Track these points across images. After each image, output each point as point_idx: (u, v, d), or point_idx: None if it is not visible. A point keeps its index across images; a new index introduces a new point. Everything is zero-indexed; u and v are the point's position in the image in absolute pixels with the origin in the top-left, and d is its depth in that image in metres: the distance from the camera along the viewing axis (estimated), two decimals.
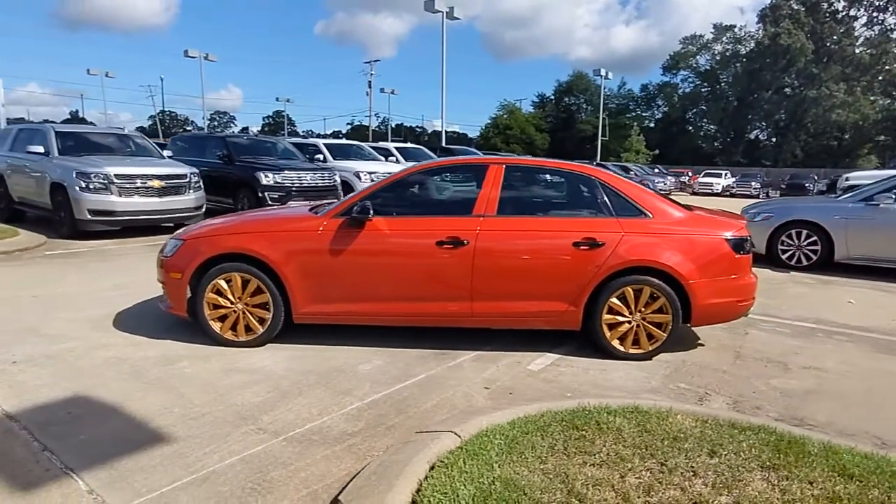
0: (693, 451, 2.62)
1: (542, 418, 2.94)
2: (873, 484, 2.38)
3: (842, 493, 2.31)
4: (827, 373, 4.15)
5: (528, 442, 2.68)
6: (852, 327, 5.29)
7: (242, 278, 4.33)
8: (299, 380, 3.84)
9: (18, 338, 4.53)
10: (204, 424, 3.18)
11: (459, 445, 2.68)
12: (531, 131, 59.92)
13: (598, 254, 4.16)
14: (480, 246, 4.19)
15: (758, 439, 2.75)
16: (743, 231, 4.38)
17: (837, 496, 2.29)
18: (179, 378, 3.82)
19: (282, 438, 3.05)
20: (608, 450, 2.63)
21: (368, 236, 4.25)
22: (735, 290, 4.31)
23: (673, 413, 3.04)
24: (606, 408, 3.06)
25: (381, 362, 4.19)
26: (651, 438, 2.74)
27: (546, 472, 2.42)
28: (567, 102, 67.63)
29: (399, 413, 3.39)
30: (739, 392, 3.77)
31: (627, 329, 4.28)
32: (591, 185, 4.42)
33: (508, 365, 4.19)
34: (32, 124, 11.69)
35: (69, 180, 9.43)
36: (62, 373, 3.86)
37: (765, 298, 6.32)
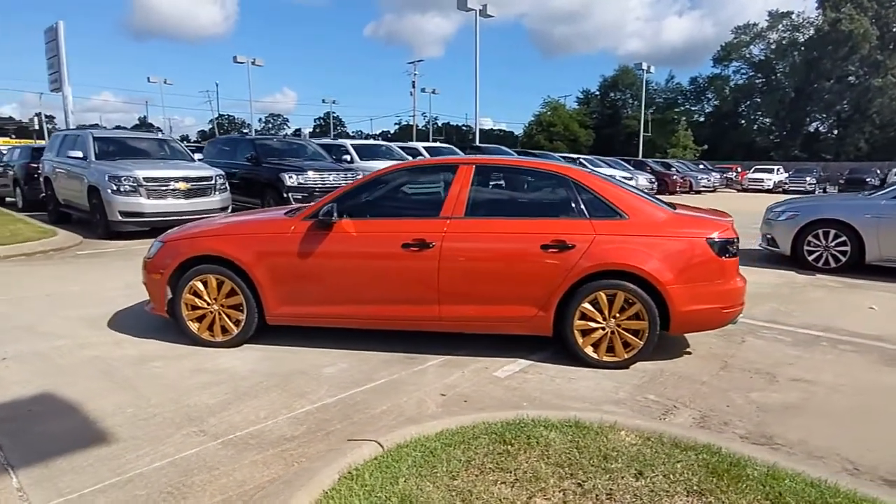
0: (619, 472, 2.43)
1: (473, 430, 2.81)
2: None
3: None
4: (817, 386, 3.82)
5: (447, 455, 2.56)
6: (864, 336, 4.87)
7: (217, 280, 4.37)
8: (260, 381, 3.83)
9: (16, 335, 4.73)
10: (150, 425, 3.21)
11: (377, 456, 2.59)
12: (575, 128, 58.71)
13: (568, 257, 3.97)
14: (446, 248, 4.07)
15: (696, 461, 2.53)
16: (728, 233, 4.08)
17: None
18: (147, 378, 3.88)
19: (219, 442, 3.04)
20: (528, 467, 2.48)
21: (335, 239, 4.20)
22: (718, 295, 4.02)
23: (616, 428, 2.85)
24: (545, 421, 2.90)
25: (347, 365, 4.13)
26: (579, 456, 2.57)
27: (450, 490, 2.30)
28: (612, 98, 65.92)
29: (344, 419, 3.33)
30: (711, 406, 3.51)
31: (601, 336, 4.07)
32: (565, 185, 4.22)
33: (475, 371, 4.05)
34: (74, 130, 12.26)
35: (102, 183, 9.85)
36: (41, 370, 3.99)
37: (777, 304, 5.93)
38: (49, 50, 20.19)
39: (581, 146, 58.07)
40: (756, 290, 6.46)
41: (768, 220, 8.20)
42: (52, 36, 19.69)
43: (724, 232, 4.08)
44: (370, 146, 16.08)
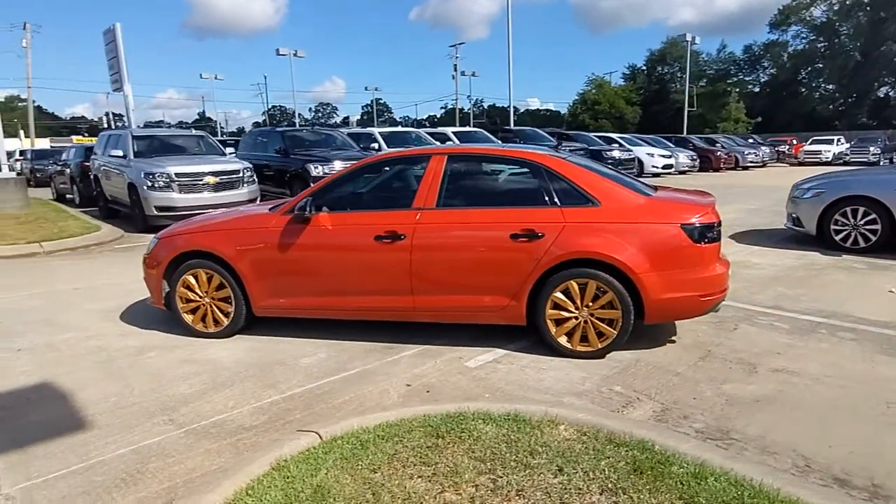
0: (539, 468, 2.41)
1: (412, 422, 2.84)
2: None
3: None
4: (798, 377, 3.62)
5: (376, 448, 2.60)
6: (872, 322, 4.57)
7: (207, 274, 4.54)
8: (239, 371, 3.98)
9: (36, 327, 5.07)
10: (127, 414, 3.40)
11: (311, 447, 2.66)
12: (621, 105, 56.80)
13: (537, 246, 3.90)
14: (418, 240, 4.08)
15: (624, 457, 2.47)
16: (707, 217, 3.90)
17: None
18: (139, 368, 4.09)
19: (183, 430, 3.19)
20: (451, 461, 2.48)
21: (312, 232, 4.27)
22: (695, 283, 3.86)
23: (556, 422, 2.81)
24: (485, 414, 2.89)
25: (326, 355, 4.23)
26: (506, 451, 2.55)
27: (366, 482, 2.34)
28: (660, 72, 63.19)
29: (306, 409, 3.42)
30: (676, 398, 3.40)
31: (575, 325, 3.99)
32: (537, 172, 4.12)
33: (447, 361, 4.06)
34: (117, 130, 12.86)
35: (139, 180, 10.33)
36: (48, 361, 4.27)
37: (786, 287, 5.64)
38: (109, 51, 21.15)
39: (627, 124, 56.23)
40: (768, 273, 6.18)
41: (794, 199, 7.75)
42: (111, 37, 20.59)
43: (704, 216, 3.89)
44: (399, 133, 16.13)
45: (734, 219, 10.31)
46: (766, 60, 61.49)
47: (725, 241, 8.05)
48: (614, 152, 19.27)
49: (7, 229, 10.70)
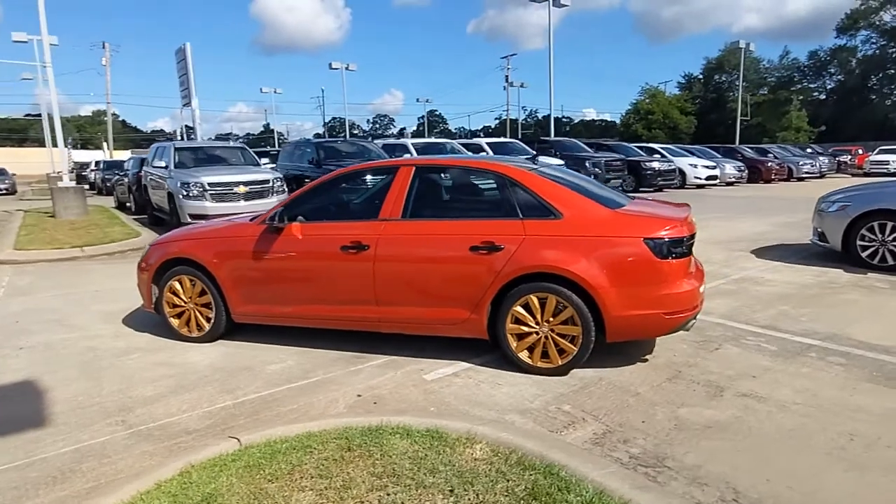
0: (432, 488, 2.32)
1: (331, 433, 2.81)
2: None
3: None
4: (764, 403, 3.34)
5: (283, 458, 2.58)
6: (870, 347, 4.18)
7: (190, 280, 4.68)
8: (206, 376, 4.06)
9: (45, 326, 5.36)
10: (86, 413, 3.52)
11: (223, 454, 2.67)
12: (675, 115, 54.82)
13: (497, 259, 3.79)
14: (381, 251, 4.05)
15: (525, 481, 2.34)
16: (676, 231, 3.68)
17: None
18: (116, 369, 4.24)
19: (130, 432, 3.27)
20: (350, 476, 2.43)
21: (284, 241, 4.32)
22: (659, 300, 3.64)
23: (473, 441, 2.71)
24: (404, 428, 2.82)
25: (293, 363, 4.25)
26: (409, 468, 2.47)
27: (258, 492, 2.33)
28: (717, 81, 60.64)
29: (252, 415, 3.44)
30: (624, 420, 3.20)
31: (535, 341, 3.85)
32: (502, 184, 4.02)
33: (407, 373, 4.00)
34: (164, 142, 13.52)
35: (175, 189, 10.82)
36: (40, 359, 4.49)
37: (791, 306, 5.26)
38: (180, 69, 22.41)
39: (681, 134, 54.36)
40: (778, 291, 5.79)
41: (819, 212, 7.23)
42: (182, 56, 21.82)
43: (672, 230, 3.68)
44: (433, 144, 16.21)
45: (763, 233, 9.75)
46: (832, 66, 58.08)
47: (745, 256, 7.64)
48: (654, 163, 18.63)
49: (59, 234, 11.45)
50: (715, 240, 9.12)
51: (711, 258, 7.59)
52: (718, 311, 5.17)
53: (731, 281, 6.32)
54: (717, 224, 10.97)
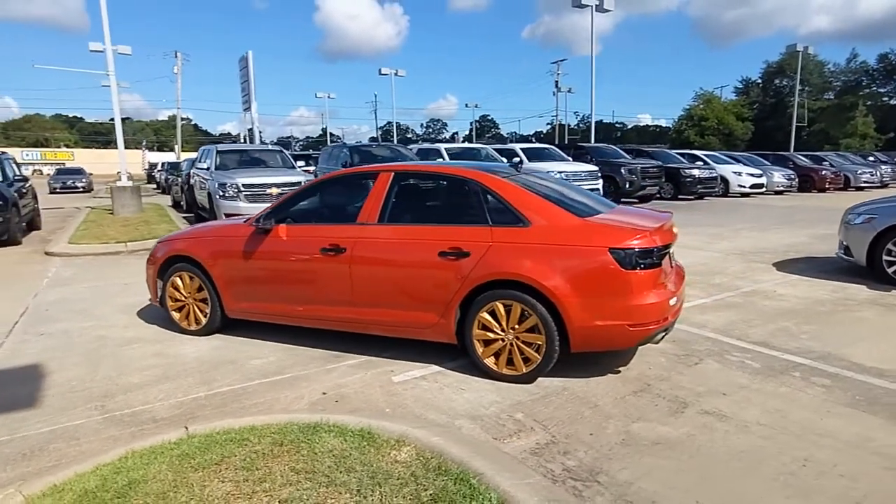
0: (342, 486, 2.34)
1: (269, 428, 2.87)
2: None
3: None
4: (726, 422, 3.18)
5: (218, 448, 2.67)
6: (864, 369, 3.90)
7: (189, 276, 4.88)
8: (191, 367, 4.22)
9: (70, 315, 5.72)
10: (73, 398, 3.73)
11: (168, 441, 2.77)
12: (730, 121, 52.51)
13: (464, 265, 3.78)
14: (357, 254, 4.11)
15: (435, 486, 2.33)
16: (645, 242, 3.55)
17: None
18: (116, 357, 4.48)
19: (104, 417, 3.45)
20: (272, 470, 2.48)
21: (271, 243, 4.45)
22: (624, 311, 3.52)
23: (403, 443, 2.71)
24: (339, 427, 2.87)
25: (275, 359, 4.37)
26: (328, 465, 2.50)
27: (180, 481, 2.41)
28: (777, 85, 57.75)
29: (219, 406, 3.56)
30: (572, 432, 3.12)
31: (501, 348, 3.80)
32: (474, 191, 3.99)
33: (378, 373, 4.03)
34: (210, 145, 14.13)
35: (214, 189, 11.29)
36: (53, 346, 4.79)
37: (793, 323, 4.98)
38: (242, 76, 23.46)
39: (736, 140, 52.13)
40: (785, 306, 5.49)
41: (845, 224, 6.79)
42: (244, 64, 22.85)
43: (641, 240, 3.55)
44: (467, 149, 16.21)
45: (794, 244, 9.23)
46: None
47: (764, 269, 7.26)
48: (694, 170, 17.92)
49: (110, 230, 12.15)
50: (738, 251, 8.71)
51: (727, 270, 7.26)
52: (713, 325, 4.94)
53: (739, 294, 6.02)
54: (748, 235, 10.46)
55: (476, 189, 3.98)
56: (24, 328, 5.32)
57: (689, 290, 6.20)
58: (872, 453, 2.80)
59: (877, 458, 2.76)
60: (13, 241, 10.90)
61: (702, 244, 9.35)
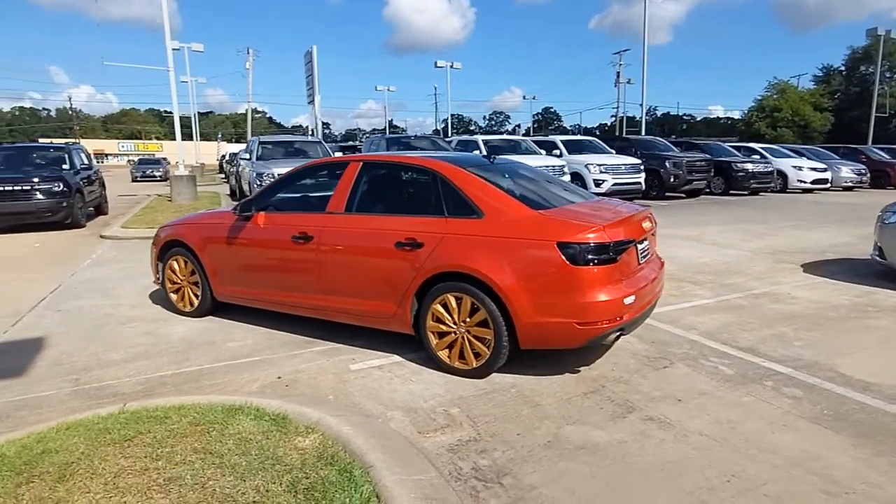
0: (225, 469, 2.36)
1: (190, 408, 2.95)
2: None
3: None
4: (666, 430, 2.96)
5: (132, 427, 2.75)
6: (846, 382, 3.52)
7: (184, 260, 5.08)
8: (171, 347, 4.39)
9: (91, 294, 6.10)
10: (56, 371, 3.96)
11: (99, 416, 2.90)
12: (807, 112, 48.75)
13: (417, 255, 3.72)
14: (323, 242, 4.14)
15: (312, 475, 2.30)
16: (599, 237, 3.35)
17: None
18: (112, 334, 4.73)
19: (73, 390, 3.64)
20: (165, 447, 2.54)
21: (250, 230, 4.56)
22: (572, 309, 3.35)
23: (311, 430, 2.71)
24: (257, 410, 2.90)
25: (251, 342, 4.47)
26: (230, 446, 2.53)
27: (71, 448, 2.51)
28: (863, 72, 52.90)
29: (179, 385, 3.68)
30: (500, 431, 2.99)
31: (453, 341, 3.72)
32: (434, 181, 3.90)
33: (339, 361, 4.05)
34: (255, 137, 14.64)
35: (252, 178, 11.73)
36: (63, 321, 5.13)
37: (793, 329, 4.60)
38: (307, 70, 24.16)
39: (813, 132, 48.34)
40: (793, 311, 5.08)
41: (880, 224, 6.15)
42: (309, 59, 23.52)
43: (595, 235, 3.35)
44: (505, 140, 15.97)
45: (835, 245, 8.48)
46: None
47: (789, 269, 6.74)
48: (747, 164, 16.79)
49: (162, 216, 12.83)
50: (771, 250, 8.10)
51: (748, 270, 6.77)
52: (704, 328, 4.62)
53: (749, 295, 5.60)
54: (790, 233, 9.71)
55: (436, 180, 3.89)
56: (48, 304, 5.72)
57: (695, 289, 5.85)
58: (812, 473, 2.53)
59: (814, 479, 2.49)
60: (76, 225, 11.77)
61: (734, 242, 8.77)
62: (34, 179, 11.19)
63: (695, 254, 7.81)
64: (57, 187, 11.34)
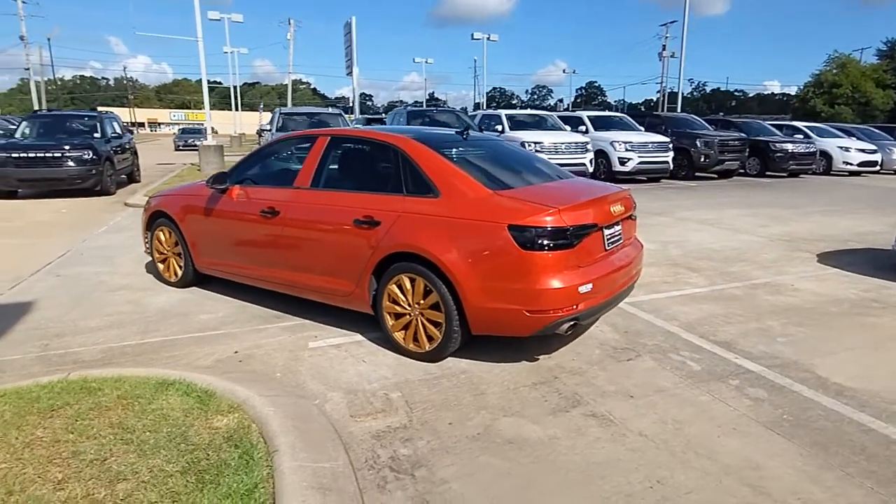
0: (132, 445, 2.34)
1: (126, 380, 2.96)
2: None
3: None
4: (604, 429, 2.79)
5: (59, 397, 2.77)
6: (821, 385, 3.25)
7: (168, 231, 5.12)
8: (145, 317, 4.45)
9: (94, 261, 6.24)
10: (30, 335, 4.05)
11: (35, 385, 2.93)
12: (868, 88, 45.51)
13: (374, 234, 3.60)
14: (287, 217, 4.07)
15: (206, 457, 2.26)
16: (555, 221, 3.14)
17: None
18: (97, 302, 4.82)
19: (38, 355, 3.70)
20: (81, 422, 2.55)
21: (224, 203, 4.53)
22: (520, 295, 3.18)
23: (235, 410, 2.68)
24: (187, 385, 2.88)
25: (223, 314, 4.49)
26: (134, 422, 2.52)
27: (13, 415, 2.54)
28: None
29: (138, 355, 3.71)
30: (431, 419, 2.88)
31: (408, 322, 3.62)
32: (395, 157, 3.75)
33: (300, 338, 4.01)
34: (280, 108, 14.66)
35: None
36: (57, 286, 5.26)
37: (783, 323, 4.31)
38: (346, 41, 24.11)
39: (875, 111, 45.25)
40: (790, 303, 4.78)
41: None
42: (348, 30, 23.43)
43: (551, 218, 3.15)
44: (530, 115, 15.51)
45: (863, 233, 7.89)
46: None
47: (802, 259, 6.33)
48: (786, 144, 15.79)
49: None
50: (789, 237, 7.61)
51: (756, 257, 6.38)
52: (685, 318, 4.37)
53: (746, 285, 5.26)
54: (815, 219, 9.11)
55: (397, 156, 3.74)
56: (50, 269, 5.90)
57: (691, 276, 5.55)
58: (745, 484, 2.33)
59: (745, 491, 2.29)
60: (106, 192, 12.14)
61: (751, 227, 8.29)
62: (65, 147, 11.54)
63: (705, 238, 7.42)
64: (87, 155, 11.68)
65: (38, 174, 11.35)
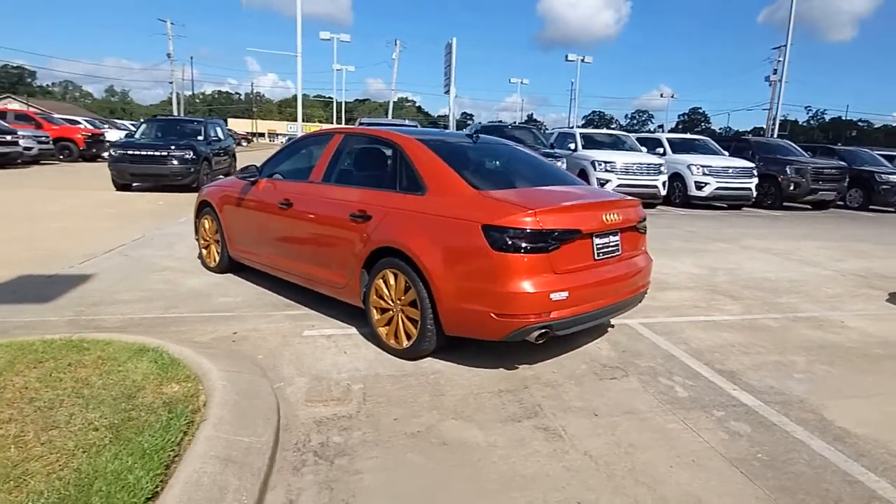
0: (67, 402, 2.49)
1: (115, 345, 3.16)
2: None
3: None
4: (547, 444, 2.58)
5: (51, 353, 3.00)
6: (820, 429, 2.79)
7: (210, 219, 5.48)
8: (176, 295, 4.76)
9: (159, 246, 6.77)
10: (74, 302, 4.45)
11: (40, 340, 3.21)
12: None
13: (365, 228, 3.63)
14: (298, 210, 4.21)
15: (148, 427, 2.35)
16: (534, 223, 2.99)
17: None
18: (142, 280, 5.22)
19: (71, 318, 4.05)
20: (59, 383, 2.74)
21: (253, 194, 4.78)
22: (490, 297, 3.04)
23: (190, 381, 2.77)
24: (161, 357, 3.02)
25: (241, 299, 4.70)
26: (96, 384, 2.67)
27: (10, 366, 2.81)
28: None
29: (151, 327, 3.95)
30: (381, 414, 2.83)
31: (391, 318, 3.58)
32: (394, 155, 3.77)
33: (298, 326, 4.09)
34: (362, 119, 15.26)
35: None
36: (119, 265, 5.75)
37: (809, 360, 3.84)
38: (445, 61, 25.00)
39: None
40: (829, 340, 4.31)
41: None
42: (448, 50, 24.30)
43: (525, 218, 3.00)
44: (605, 135, 14.98)
45: None
46: None
47: (871, 297, 5.60)
48: (892, 176, 14.00)
49: None
50: (865, 273, 6.72)
51: (815, 291, 5.69)
52: (697, 345, 3.97)
53: (787, 318, 4.69)
54: None
55: (395, 153, 3.76)
56: (121, 250, 6.49)
57: (727, 304, 5.08)
58: None
59: None
60: None
61: (823, 260, 7.41)
62: (171, 147, 12.77)
63: (762, 267, 6.74)
64: (188, 155, 12.83)
65: (147, 170, 12.61)
